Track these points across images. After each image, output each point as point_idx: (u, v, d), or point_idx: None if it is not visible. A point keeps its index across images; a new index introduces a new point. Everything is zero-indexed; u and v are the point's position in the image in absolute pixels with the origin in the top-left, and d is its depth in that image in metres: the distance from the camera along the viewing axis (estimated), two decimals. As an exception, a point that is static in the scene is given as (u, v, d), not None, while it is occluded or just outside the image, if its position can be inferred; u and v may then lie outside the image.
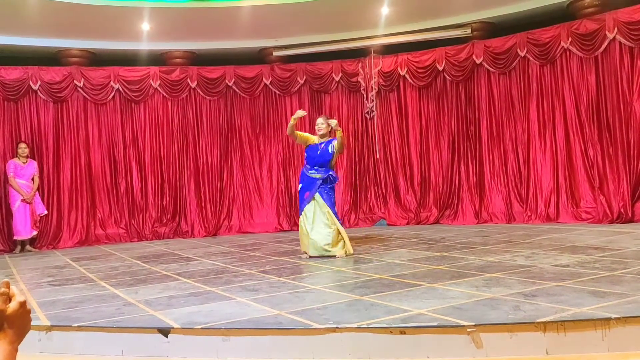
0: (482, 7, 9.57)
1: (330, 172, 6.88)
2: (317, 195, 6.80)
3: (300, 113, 6.98)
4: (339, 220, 6.89)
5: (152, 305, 4.50)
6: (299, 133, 7.15)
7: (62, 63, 10.24)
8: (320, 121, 7.06)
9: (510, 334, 3.37)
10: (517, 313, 3.60)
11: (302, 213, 6.88)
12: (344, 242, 6.77)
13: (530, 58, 9.51)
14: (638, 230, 7.35)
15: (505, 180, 9.81)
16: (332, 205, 6.83)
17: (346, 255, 6.66)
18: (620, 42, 8.53)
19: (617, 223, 8.28)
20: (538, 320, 3.39)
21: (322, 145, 6.93)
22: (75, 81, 10.11)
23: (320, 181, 6.82)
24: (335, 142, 6.87)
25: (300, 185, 7.07)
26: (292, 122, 6.93)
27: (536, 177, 9.46)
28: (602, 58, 8.80)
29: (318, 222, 6.74)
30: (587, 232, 7.61)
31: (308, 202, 6.83)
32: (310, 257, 6.70)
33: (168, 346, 3.71)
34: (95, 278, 6.15)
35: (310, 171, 6.91)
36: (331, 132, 7.00)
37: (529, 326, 3.37)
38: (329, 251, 6.66)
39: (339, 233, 6.78)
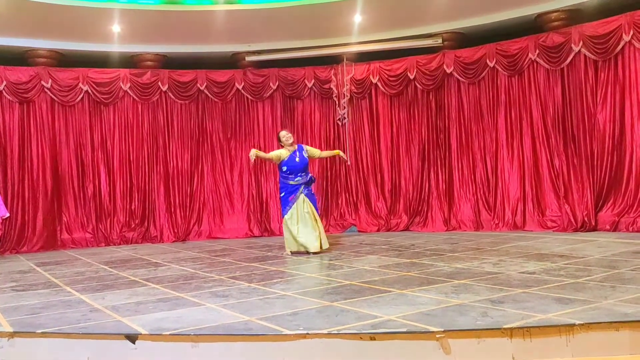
0: (453, 17, 9.73)
1: (310, 176, 7.70)
2: (303, 197, 7.49)
3: (252, 156, 7.47)
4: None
5: (120, 311, 4.43)
6: (269, 155, 7.81)
7: (29, 63, 10.02)
8: (284, 133, 7.76)
9: (477, 340, 3.42)
10: (484, 319, 3.67)
11: (288, 214, 7.50)
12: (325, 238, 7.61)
13: (499, 69, 9.71)
14: (601, 239, 7.55)
15: (474, 188, 9.98)
16: (316, 206, 7.67)
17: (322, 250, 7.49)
18: (585, 55, 8.78)
19: (581, 231, 8.49)
20: (505, 326, 3.45)
21: (297, 153, 7.61)
22: (42, 82, 9.91)
23: (303, 185, 7.52)
24: (306, 147, 7.74)
25: (283, 193, 7.64)
26: (253, 158, 7.51)
27: (503, 186, 9.64)
28: (567, 70, 9.04)
29: (304, 223, 7.45)
30: (553, 240, 7.78)
31: (293, 204, 7.49)
32: (292, 253, 7.52)
33: (135, 353, 3.65)
34: (61, 283, 6.02)
35: (295, 179, 7.52)
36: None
37: (496, 332, 3.43)
38: (316, 248, 7.41)
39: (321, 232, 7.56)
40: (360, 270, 6.02)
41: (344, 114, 11.02)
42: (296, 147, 7.68)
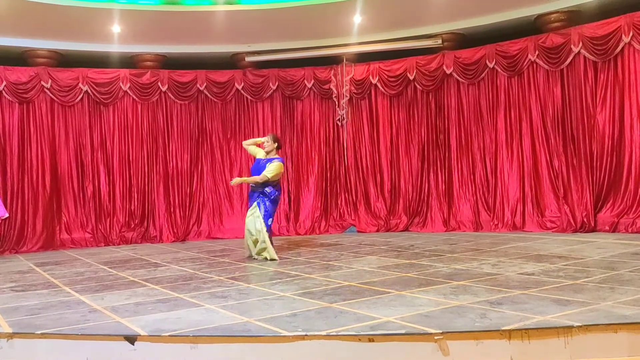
0: (452, 18, 9.73)
1: (266, 188, 7.27)
2: (254, 204, 7.29)
3: (260, 140, 7.79)
4: (267, 230, 7.21)
5: (119, 312, 4.44)
6: (252, 147, 7.85)
7: (29, 63, 10.02)
8: (265, 139, 7.59)
9: (476, 342, 3.43)
10: (483, 321, 3.67)
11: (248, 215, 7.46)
12: (267, 249, 7.17)
13: (499, 69, 9.72)
14: (600, 240, 7.56)
15: (473, 189, 9.98)
16: (265, 215, 7.22)
17: (268, 260, 7.11)
18: (584, 57, 8.78)
19: (580, 232, 8.50)
20: (503, 328, 3.45)
21: (263, 161, 7.44)
22: (42, 82, 9.91)
23: (257, 193, 7.31)
24: (271, 166, 7.26)
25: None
26: (255, 140, 7.87)
27: (503, 187, 9.64)
28: (567, 71, 9.04)
29: (251, 228, 7.29)
30: (552, 240, 7.79)
31: (249, 209, 7.42)
32: (248, 257, 7.42)
33: (135, 354, 3.65)
34: (60, 284, 6.02)
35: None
36: (278, 151, 7.58)
37: (495, 334, 3.44)
38: (254, 254, 7.32)
39: (263, 241, 7.18)
40: (359, 271, 6.02)
41: (344, 114, 11.02)
42: (274, 157, 7.39)
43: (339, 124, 11.12)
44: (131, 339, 3.68)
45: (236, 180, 8.11)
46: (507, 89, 9.72)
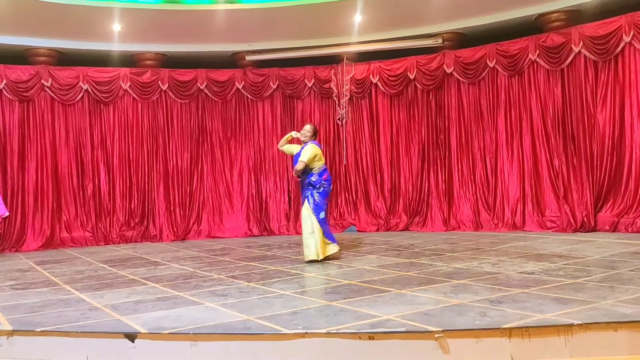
0: (453, 18, 9.73)
1: (310, 178, 6.69)
2: (305, 200, 6.75)
3: (293, 134, 7.20)
4: (320, 224, 6.61)
5: (119, 310, 4.44)
6: (287, 146, 7.29)
7: (29, 62, 10.02)
8: (304, 129, 6.98)
9: (476, 340, 3.43)
10: (483, 319, 3.67)
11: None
12: (310, 246, 6.60)
13: (499, 69, 9.71)
14: (600, 239, 7.56)
15: (473, 188, 9.98)
16: (315, 208, 6.64)
17: (319, 260, 6.57)
18: (585, 56, 8.78)
19: (580, 232, 8.49)
20: (503, 326, 3.45)
21: (298, 151, 6.91)
22: (42, 80, 9.91)
23: (305, 186, 6.76)
24: (305, 148, 6.78)
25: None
26: (287, 137, 7.24)
27: (503, 186, 9.64)
28: (567, 71, 9.04)
29: (305, 228, 6.67)
30: (552, 240, 7.79)
31: (302, 206, 6.83)
32: (310, 261, 6.60)
33: (135, 351, 3.66)
34: (60, 282, 6.02)
35: (301, 177, 6.83)
36: (313, 138, 6.94)
37: (495, 332, 3.44)
38: (310, 256, 6.58)
39: (322, 237, 6.63)
40: (359, 269, 6.02)
41: (344, 113, 11.02)
42: (307, 144, 6.84)
43: (339, 123, 11.12)
44: (131, 337, 3.68)
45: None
46: (507, 88, 9.71)
